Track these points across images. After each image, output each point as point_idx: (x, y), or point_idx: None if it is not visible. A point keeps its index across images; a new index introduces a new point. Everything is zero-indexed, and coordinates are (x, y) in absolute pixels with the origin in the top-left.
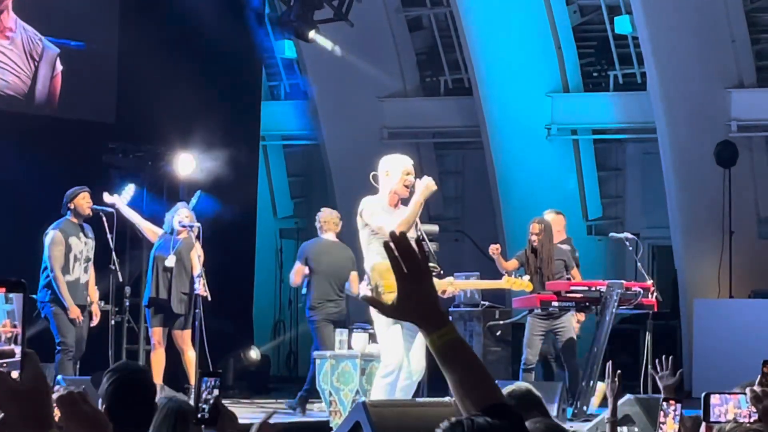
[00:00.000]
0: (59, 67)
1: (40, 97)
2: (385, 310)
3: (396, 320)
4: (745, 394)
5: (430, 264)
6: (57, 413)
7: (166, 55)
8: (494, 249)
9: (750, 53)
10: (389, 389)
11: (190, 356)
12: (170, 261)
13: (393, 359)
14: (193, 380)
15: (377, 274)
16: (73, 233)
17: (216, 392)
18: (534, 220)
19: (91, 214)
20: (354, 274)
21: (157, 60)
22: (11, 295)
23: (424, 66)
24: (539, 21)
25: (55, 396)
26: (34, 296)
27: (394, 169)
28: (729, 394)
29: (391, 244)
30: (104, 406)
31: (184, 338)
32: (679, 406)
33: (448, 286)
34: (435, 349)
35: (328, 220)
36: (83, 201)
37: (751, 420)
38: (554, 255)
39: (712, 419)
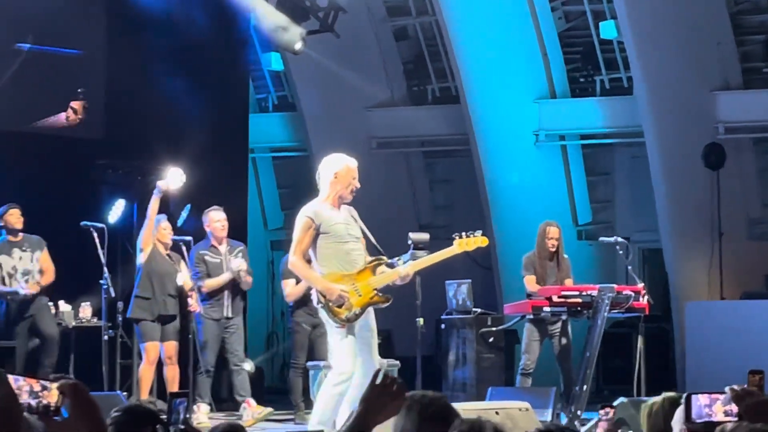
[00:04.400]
0: None
1: None
2: None
3: (349, 329)
4: (725, 393)
5: (380, 257)
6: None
7: (153, 69)
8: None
9: (735, 55)
10: (338, 399)
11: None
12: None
13: (347, 367)
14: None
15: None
16: (3, 251)
17: (183, 411)
18: (551, 224)
19: (20, 228)
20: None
21: (144, 75)
22: None
23: (410, 75)
24: (525, 28)
25: (59, 383)
26: None
27: (343, 174)
28: (714, 393)
29: None
30: None
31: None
32: (612, 411)
33: (396, 275)
34: None
35: None
36: (11, 218)
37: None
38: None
39: (698, 420)
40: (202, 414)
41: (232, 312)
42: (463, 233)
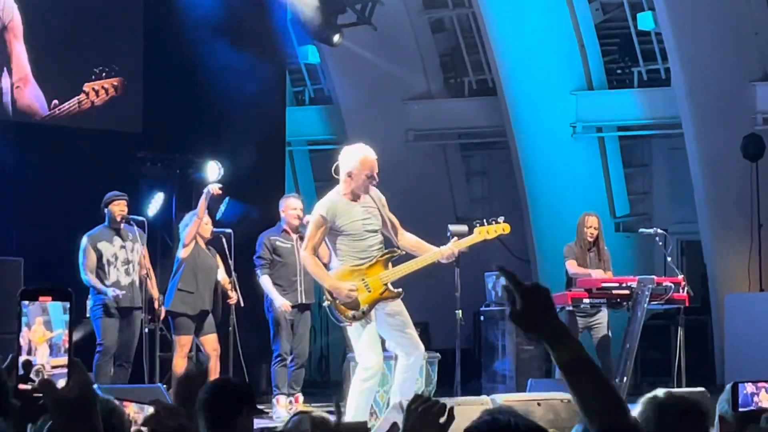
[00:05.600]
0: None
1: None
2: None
3: (364, 324)
4: None
5: (392, 249)
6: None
7: (191, 64)
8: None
9: None
10: (369, 393)
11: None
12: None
13: (370, 362)
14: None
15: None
16: (104, 238)
17: None
18: (589, 214)
19: (121, 221)
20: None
21: (182, 69)
22: (67, 305)
23: (447, 67)
24: (562, 19)
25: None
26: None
27: (356, 173)
28: (760, 382)
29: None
30: None
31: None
32: None
33: (440, 255)
34: (560, 364)
35: None
36: (116, 208)
37: None
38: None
39: (746, 408)
40: (281, 408)
41: (305, 298)
42: (485, 220)
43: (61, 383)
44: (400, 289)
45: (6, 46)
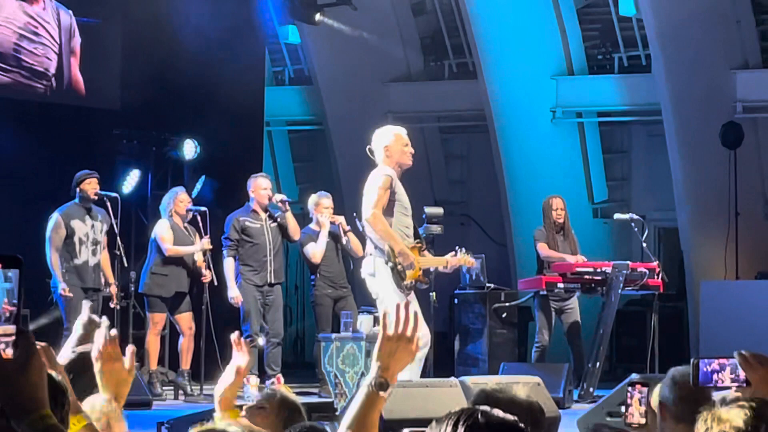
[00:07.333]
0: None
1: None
2: None
3: (407, 293)
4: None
5: (418, 240)
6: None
7: (169, 42)
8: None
9: (755, 34)
10: (417, 364)
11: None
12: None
13: (425, 335)
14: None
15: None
16: (77, 216)
17: None
18: (554, 197)
19: (95, 198)
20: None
21: (160, 47)
22: (10, 273)
23: (428, 50)
24: (543, 4)
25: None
26: (47, 281)
27: (393, 146)
28: (722, 359)
29: None
30: None
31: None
32: (645, 389)
33: (445, 262)
34: None
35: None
36: (88, 186)
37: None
38: None
39: (708, 384)
40: (252, 387)
41: (275, 278)
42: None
43: (7, 352)
44: (428, 279)
45: (70, 71)
